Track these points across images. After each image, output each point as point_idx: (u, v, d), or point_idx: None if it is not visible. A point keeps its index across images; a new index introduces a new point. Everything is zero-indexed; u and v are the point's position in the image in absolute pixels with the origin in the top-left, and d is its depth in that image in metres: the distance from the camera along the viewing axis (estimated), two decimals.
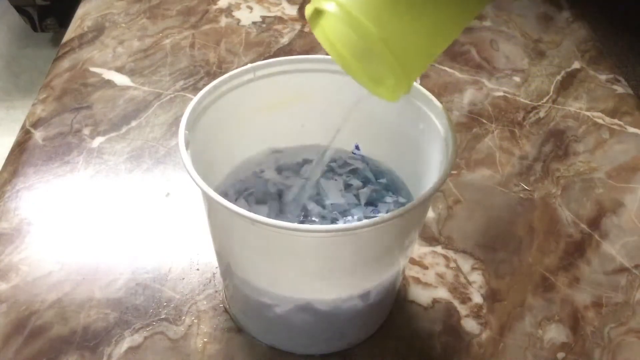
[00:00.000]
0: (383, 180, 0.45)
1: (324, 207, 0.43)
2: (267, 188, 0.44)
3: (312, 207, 0.43)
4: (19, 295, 0.46)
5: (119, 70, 0.68)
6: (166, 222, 0.52)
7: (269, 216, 0.42)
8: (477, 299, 0.47)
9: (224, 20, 0.77)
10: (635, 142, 0.62)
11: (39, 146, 0.58)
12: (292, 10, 0.79)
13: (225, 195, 0.43)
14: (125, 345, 0.43)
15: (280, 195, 0.44)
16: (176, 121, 0.62)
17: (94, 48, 0.72)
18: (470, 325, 0.45)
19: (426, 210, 0.44)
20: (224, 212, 0.31)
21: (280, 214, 0.43)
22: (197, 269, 0.48)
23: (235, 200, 0.43)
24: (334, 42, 0.32)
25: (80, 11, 0.78)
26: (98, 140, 0.59)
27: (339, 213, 0.43)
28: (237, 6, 0.80)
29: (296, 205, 0.43)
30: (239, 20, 0.77)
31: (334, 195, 0.43)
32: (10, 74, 1.71)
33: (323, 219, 0.42)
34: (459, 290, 0.47)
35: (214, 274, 0.48)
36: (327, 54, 0.34)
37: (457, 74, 0.70)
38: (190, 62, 0.70)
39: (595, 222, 0.53)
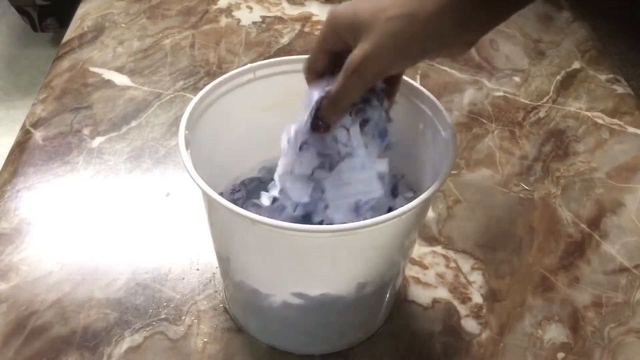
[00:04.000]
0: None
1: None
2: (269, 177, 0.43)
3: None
4: (19, 295, 0.46)
5: (119, 70, 0.68)
6: (166, 222, 0.52)
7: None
8: (477, 299, 0.47)
9: (224, 20, 0.77)
10: (635, 142, 0.62)
11: (39, 146, 0.58)
12: (292, 10, 0.79)
13: (224, 193, 0.43)
14: (125, 345, 0.43)
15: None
16: (176, 121, 0.62)
17: (94, 48, 0.72)
18: (470, 325, 0.45)
19: (426, 211, 0.44)
20: (224, 212, 0.31)
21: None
22: (197, 269, 0.48)
23: (233, 191, 0.43)
24: None
25: (80, 11, 0.78)
26: (98, 140, 0.59)
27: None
28: (237, 6, 0.80)
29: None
30: (239, 20, 0.77)
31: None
32: (10, 74, 1.71)
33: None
34: (459, 290, 0.47)
35: (214, 274, 0.48)
36: None
37: (457, 74, 0.70)
38: (190, 62, 0.70)
39: (595, 222, 0.53)
